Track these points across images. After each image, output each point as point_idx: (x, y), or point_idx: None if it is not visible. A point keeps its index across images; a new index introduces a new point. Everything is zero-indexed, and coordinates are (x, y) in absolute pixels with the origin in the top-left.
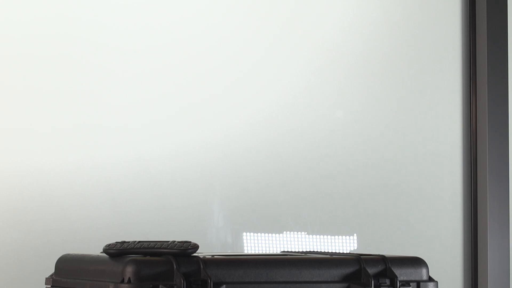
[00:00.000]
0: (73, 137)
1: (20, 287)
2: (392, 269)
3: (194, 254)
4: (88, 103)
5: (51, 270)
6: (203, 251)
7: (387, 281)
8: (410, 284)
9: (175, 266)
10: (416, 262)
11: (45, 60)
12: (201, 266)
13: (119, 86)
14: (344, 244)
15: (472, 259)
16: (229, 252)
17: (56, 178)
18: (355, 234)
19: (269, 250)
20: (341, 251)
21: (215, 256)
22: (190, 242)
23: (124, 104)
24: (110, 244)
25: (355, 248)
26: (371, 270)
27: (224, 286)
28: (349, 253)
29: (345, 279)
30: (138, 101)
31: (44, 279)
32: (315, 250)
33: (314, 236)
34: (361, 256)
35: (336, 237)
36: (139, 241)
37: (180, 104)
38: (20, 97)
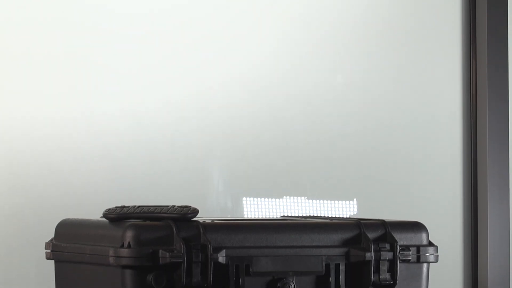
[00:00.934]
0: (73, 103)
1: (20, 252)
2: (392, 233)
3: (194, 219)
4: (87, 68)
5: (51, 234)
6: (202, 216)
7: (387, 246)
8: (410, 248)
9: (174, 231)
10: (416, 226)
11: (40, 15)
12: (201, 231)
13: (118, 48)
14: (344, 208)
15: (472, 222)
16: (229, 216)
17: (56, 143)
18: (355, 199)
19: (269, 215)
20: (341, 216)
21: (215, 221)
22: (190, 206)
23: (123, 69)
24: (110, 209)
25: (355, 212)
26: (371, 235)
27: (224, 250)
28: (349, 218)
29: (345, 243)
30: (137, 66)
31: (44, 243)
32: (315, 215)
33: (314, 200)
34: (361, 221)
35: (336, 201)
36: (139, 206)
37: (180, 70)
38: (16, 60)
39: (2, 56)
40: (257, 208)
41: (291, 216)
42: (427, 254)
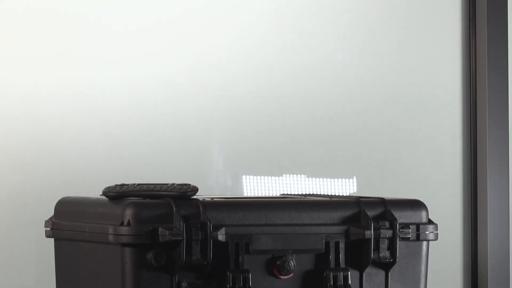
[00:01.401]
0: (72, 81)
1: (20, 230)
2: (392, 211)
3: (194, 197)
4: (85, 47)
5: (51, 213)
6: (202, 194)
7: (387, 224)
8: (410, 226)
9: (174, 209)
10: (416, 204)
11: None
12: (201, 209)
13: (118, 25)
14: (343, 187)
15: (472, 200)
16: (228, 195)
17: (56, 122)
18: (354, 177)
19: (269, 193)
20: (340, 194)
21: (215, 199)
22: (190, 184)
23: (122, 46)
24: (109, 187)
25: (355, 191)
26: (371, 213)
27: (224, 228)
28: (349, 196)
29: (345, 221)
30: (136, 43)
31: (44, 221)
32: (315, 193)
33: (314, 179)
34: (361, 199)
35: (336, 180)
36: (139, 184)
37: (179, 47)
38: (13, 41)
39: (2, 36)
40: (257, 186)
41: (290, 194)
42: (427, 232)
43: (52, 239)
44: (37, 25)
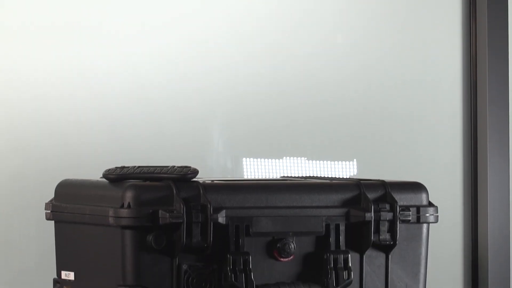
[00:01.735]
0: (72, 63)
1: (20, 212)
2: (392, 194)
3: (194, 179)
4: (87, 29)
5: (51, 195)
6: (202, 176)
7: (387, 206)
8: (410, 209)
9: (174, 191)
10: (416, 187)
11: None
12: (201, 191)
13: (119, 9)
14: (344, 169)
15: (472, 182)
16: (229, 177)
17: (56, 104)
18: (354, 160)
19: (269, 176)
20: (341, 176)
21: (215, 181)
22: (190, 167)
23: (123, 29)
24: (109, 169)
25: (355, 173)
26: (371, 195)
27: (224, 211)
28: (349, 178)
29: (345, 204)
30: (137, 26)
31: (44, 204)
32: (315, 175)
33: (314, 161)
34: (361, 181)
35: (336, 162)
36: (139, 166)
37: (181, 30)
38: (15, 23)
39: (1, 19)
40: (257, 169)
41: (291, 177)
42: (427, 215)
43: (52, 222)
44: (36, 7)
